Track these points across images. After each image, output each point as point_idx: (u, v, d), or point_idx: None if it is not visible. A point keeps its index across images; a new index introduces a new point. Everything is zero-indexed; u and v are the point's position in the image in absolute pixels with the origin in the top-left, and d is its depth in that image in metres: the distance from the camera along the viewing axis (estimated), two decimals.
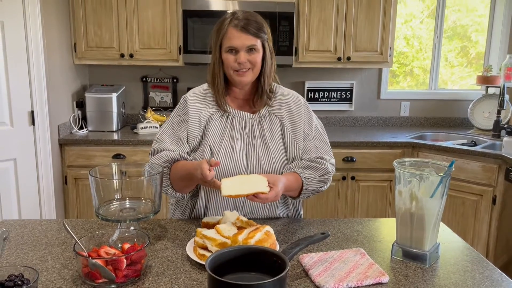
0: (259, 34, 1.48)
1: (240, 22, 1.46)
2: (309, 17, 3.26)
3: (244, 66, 1.48)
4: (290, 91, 1.67)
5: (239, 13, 1.50)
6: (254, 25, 1.47)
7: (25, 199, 2.84)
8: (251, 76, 1.51)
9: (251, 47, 1.47)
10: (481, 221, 2.91)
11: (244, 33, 1.46)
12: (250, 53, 1.47)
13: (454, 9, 3.85)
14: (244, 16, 1.49)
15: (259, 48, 1.49)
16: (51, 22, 2.94)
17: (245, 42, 1.46)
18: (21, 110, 2.76)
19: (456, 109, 3.85)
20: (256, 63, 1.49)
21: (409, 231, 1.24)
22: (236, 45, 1.46)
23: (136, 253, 1.11)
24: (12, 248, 1.30)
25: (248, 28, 1.46)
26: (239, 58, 1.46)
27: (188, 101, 1.56)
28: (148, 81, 3.68)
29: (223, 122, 1.54)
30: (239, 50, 1.46)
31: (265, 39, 1.50)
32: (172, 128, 1.56)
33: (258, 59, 1.49)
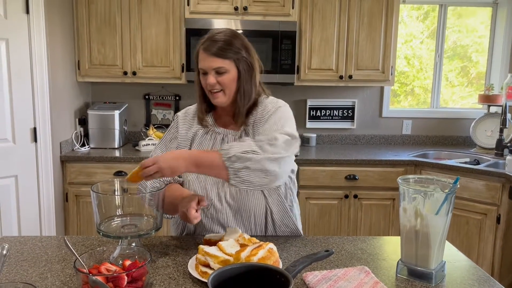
0: (226, 55, 1.42)
1: (205, 43, 1.43)
2: (311, 36, 3.30)
3: (214, 88, 1.45)
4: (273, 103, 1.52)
5: (212, 33, 1.46)
6: (220, 46, 1.41)
7: (25, 216, 2.82)
8: (225, 98, 1.47)
9: (217, 69, 1.42)
10: (486, 240, 2.88)
11: (208, 54, 1.42)
12: (219, 75, 1.43)
13: (454, 29, 3.89)
14: (212, 36, 1.44)
15: (229, 69, 1.43)
16: (56, 40, 2.98)
17: (210, 64, 1.42)
18: (23, 127, 2.77)
19: (458, 127, 3.85)
20: (226, 84, 1.44)
21: (414, 248, 1.23)
22: (204, 67, 1.44)
23: (137, 270, 1.09)
24: (12, 265, 1.28)
25: (211, 50, 1.41)
26: (207, 79, 1.44)
27: (179, 119, 1.60)
28: (150, 99, 3.69)
29: (207, 139, 1.55)
30: (208, 72, 1.44)
31: (237, 59, 1.44)
32: (165, 145, 1.59)
33: (228, 80, 1.44)
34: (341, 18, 3.29)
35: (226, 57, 1.42)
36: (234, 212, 1.52)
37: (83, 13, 3.19)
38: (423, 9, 3.88)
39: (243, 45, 1.47)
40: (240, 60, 1.45)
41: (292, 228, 1.59)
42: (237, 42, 1.45)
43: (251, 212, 1.52)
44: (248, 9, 3.19)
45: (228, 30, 1.49)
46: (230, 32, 1.47)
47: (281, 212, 1.55)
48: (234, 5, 3.18)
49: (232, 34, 1.47)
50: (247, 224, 1.53)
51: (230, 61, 1.43)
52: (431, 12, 3.87)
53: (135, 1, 3.19)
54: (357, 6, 3.28)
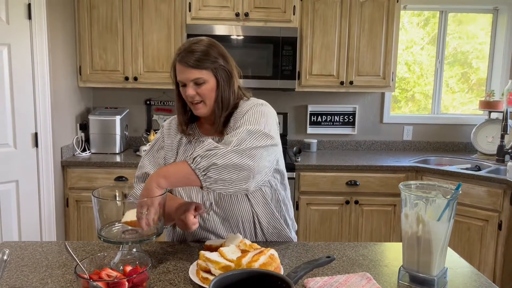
0: (202, 65, 1.40)
1: (181, 55, 1.41)
2: (312, 42, 3.31)
3: (194, 99, 1.43)
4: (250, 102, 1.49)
5: (188, 43, 1.44)
6: (196, 56, 1.39)
7: (25, 221, 2.82)
8: (206, 108, 1.46)
9: (196, 80, 1.40)
10: (487, 247, 2.87)
11: (185, 66, 1.40)
12: (197, 86, 1.41)
13: (455, 36, 3.90)
14: (188, 47, 1.41)
15: (208, 79, 1.41)
16: (57, 45, 2.99)
17: (188, 75, 1.40)
18: (25, 132, 2.77)
19: (459, 133, 3.85)
20: (206, 95, 1.42)
21: (416, 255, 1.22)
22: (182, 79, 1.42)
23: (138, 276, 1.08)
24: (12, 270, 1.27)
25: (187, 61, 1.39)
26: (186, 91, 1.42)
27: (164, 129, 1.60)
28: (151, 104, 3.70)
29: (191, 146, 1.54)
30: (186, 84, 1.42)
31: (215, 68, 1.42)
32: (153, 155, 1.59)
33: (207, 91, 1.42)
34: (342, 24, 3.30)
35: (203, 68, 1.40)
36: (221, 219, 1.51)
37: (85, 18, 3.21)
38: (424, 16, 3.89)
39: (220, 54, 1.44)
40: (217, 69, 1.43)
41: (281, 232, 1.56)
42: (214, 51, 1.43)
43: (238, 218, 1.50)
44: (249, 15, 3.20)
45: (204, 39, 1.46)
46: (206, 42, 1.44)
47: (268, 215, 1.52)
48: (236, 11, 3.20)
49: (208, 43, 1.44)
50: (236, 230, 1.52)
51: (208, 71, 1.41)
52: (432, 19, 3.88)
53: (137, 7, 3.21)
54: (358, 12, 3.29)
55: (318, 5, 3.27)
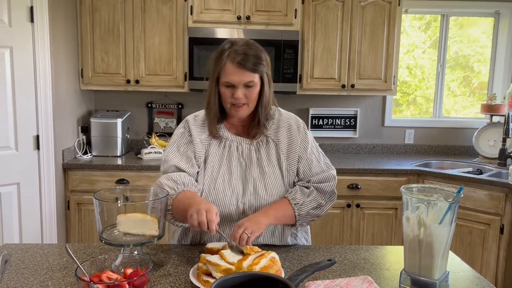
0: (258, 69, 1.44)
1: (238, 57, 1.41)
2: (313, 45, 3.31)
3: (240, 102, 1.45)
4: (287, 114, 1.64)
5: (238, 44, 1.45)
6: (253, 60, 1.42)
7: (27, 224, 2.81)
8: (247, 111, 1.49)
9: (248, 84, 1.43)
10: (489, 250, 2.86)
11: (242, 69, 1.41)
12: (247, 88, 1.44)
13: (456, 39, 3.90)
14: (243, 49, 1.43)
15: (257, 82, 1.45)
16: (59, 48, 2.99)
17: (242, 78, 1.42)
18: (26, 135, 2.78)
19: (460, 137, 3.85)
20: (252, 98, 1.46)
21: (418, 258, 1.22)
22: (234, 81, 1.42)
23: (138, 279, 1.08)
24: (13, 273, 1.27)
25: (246, 64, 1.41)
26: (236, 93, 1.43)
27: (190, 124, 1.58)
28: (153, 107, 3.70)
29: (221, 148, 1.54)
30: (236, 86, 1.43)
31: (263, 72, 1.47)
32: (178, 150, 1.54)
33: (255, 94, 1.46)
34: (344, 28, 3.31)
35: (257, 72, 1.44)
36: None
37: (87, 21, 3.22)
38: (425, 19, 3.90)
39: (266, 58, 1.49)
40: (265, 73, 1.47)
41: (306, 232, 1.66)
42: (264, 55, 1.47)
43: None
44: (251, 18, 3.21)
45: (252, 43, 1.48)
46: (256, 45, 1.48)
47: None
48: (237, 14, 3.20)
49: (259, 47, 1.48)
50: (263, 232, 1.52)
51: (258, 75, 1.45)
52: (433, 22, 3.89)
53: (139, 10, 3.22)
54: (360, 16, 3.30)
55: (320, 9, 3.27)
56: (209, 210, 1.25)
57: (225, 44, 1.47)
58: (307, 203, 1.49)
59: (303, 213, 1.48)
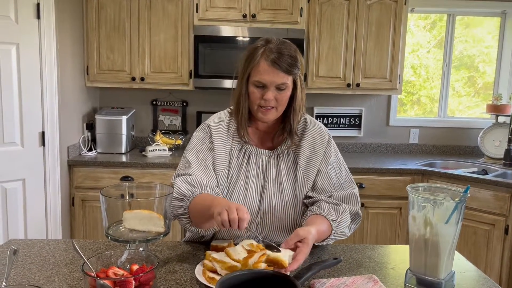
0: (292, 71, 1.33)
1: (272, 55, 1.32)
2: (318, 43, 3.30)
3: (270, 104, 1.36)
4: (313, 123, 1.53)
5: (273, 43, 1.35)
6: (288, 61, 1.32)
7: (32, 220, 2.83)
8: (275, 115, 1.40)
9: (281, 86, 1.34)
10: (494, 251, 2.85)
11: (276, 68, 1.32)
12: (278, 91, 1.35)
13: (461, 39, 3.88)
14: (278, 48, 1.33)
15: (290, 85, 1.36)
16: (65, 45, 3.00)
17: (275, 79, 1.33)
18: (32, 131, 2.79)
19: (466, 137, 3.83)
20: (283, 102, 1.37)
21: (423, 258, 1.21)
22: (265, 81, 1.33)
23: (144, 275, 1.08)
24: (19, 268, 1.28)
25: (280, 64, 1.31)
26: (266, 95, 1.34)
27: (211, 130, 1.47)
28: (158, 105, 3.71)
29: (240, 158, 1.46)
30: (267, 86, 1.34)
31: (297, 75, 1.36)
32: (197, 155, 1.45)
33: (286, 97, 1.37)
34: (349, 27, 3.30)
35: (291, 73, 1.34)
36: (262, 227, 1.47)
37: (93, 19, 3.22)
38: (430, 19, 3.88)
39: (301, 60, 1.38)
40: (298, 77, 1.37)
41: None
42: (299, 57, 1.37)
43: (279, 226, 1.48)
44: (257, 17, 3.21)
45: (288, 42, 1.38)
46: (292, 46, 1.38)
47: None
48: (243, 12, 3.20)
49: (294, 48, 1.38)
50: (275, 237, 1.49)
51: (291, 77, 1.36)
52: (438, 22, 3.87)
53: (145, 7, 3.22)
54: (365, 15, 3.29)
55: (326, 7, 3.27)
56: (239, 208, 1.15)
57: (260, 42, 1.38)
58: (343, 222, 1.42)
59: (338, 232, 1.41)
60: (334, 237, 1.41)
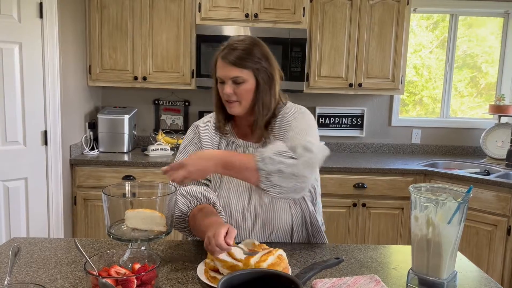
0: (244, 64, 1.37)
1: (224, 51, 1.39)
2: (321, 43, 3.30)
3: (230, 98, 1.40)
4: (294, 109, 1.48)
5: (232, 40, 1.42)
6: (238, 54, 1.37)
7: (34, 218, 2.84)
8: (240, 109, 1.42)
9: (235, 79, 1.38)
10: (496, 252, 2.84)
11: (226, 63, 1.37)
12: (236, 85, 1.39)
13: (464, 39, 3.88)
14: (232, 44, 1.39)
15: (247, 79, 1.38)
16: (68, 44, 3.01)
17: (227, 73, 1.38)
18: (34, 130, 2.79)
19: (468, 137, 3.83)
20: (242, 95, 1.39)
21: (426, 258, 1.21)
22: (221, 75, 1.40)
23: (146, 274, 1.09)
24: (22, 266, 1.28)
25: (229, 58, 1.36)
26: (224, 89, 1.39)
27: (199, 130, 1.53)
28: (160, 104, 3.71)
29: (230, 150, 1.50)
30: (225, 81, 1.39)
31: (257, 69, 1.38)
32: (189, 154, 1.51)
33: (245, 91, 1.39)
34: (352, 27, 3.30)
35: (244, 67, 1.37)
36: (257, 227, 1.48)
37: (96, 18, 3.23)
38: (433, 19, 3.88)
39: (264, 55, 1.41)
40: (259, 70, 1.39)
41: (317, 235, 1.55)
42: (257, 51, 1.40)
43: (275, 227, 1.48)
44: (259, 16, 3.21)
45: (249, 38, 1.43)
46: (250, 40, 1.42)
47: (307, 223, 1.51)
48: (245, 12, 3.20)
49: (253, 42, 1.41)
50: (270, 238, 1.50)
51: (249, 71, 1.38)
52: (441, 22, 3.86)
53: (147, 7, 3.22)
54: (368, 15, 3.29)
55: (328, 7, 3.27)
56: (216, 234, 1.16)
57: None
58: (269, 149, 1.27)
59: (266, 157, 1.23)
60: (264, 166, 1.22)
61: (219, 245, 1.15)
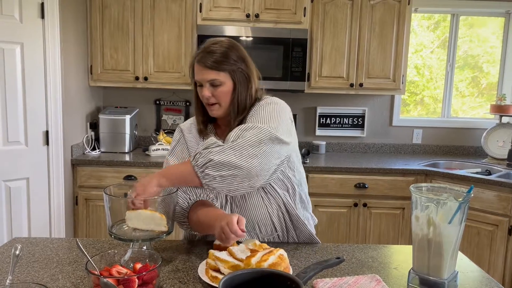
0: (220, 67, 1.38)
1: (200, 54, 1.40)
2: (322, 43, 3.30)
3: (209, 101, 1.42)
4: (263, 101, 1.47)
5: (207, 43, 1.43)
6: (214, 57, 1.38)
7: (35, 218, 2.84)
8: (221, 110, 1.44)
9: (212, 82, 1.39)
10: (497, 252, 2.84)
11: (202, 67, 1.39)
12: (214, 87, 1.40)
13: (465, 39, 3.87)
14: (206, 47, 1.41)
15: (224, 81, 1.40)
16: (69, 44, 3.01)
17: (204, 76, 1.39)
18: (36, 130, 2.80)
19: (469, 137, 3.82)
20: (221, 97, 1.41)
21: (427, 258, 1.21)
22: (198, 79, 1.42)
23: (148, 273, 1.09)
24: (23, 266, 1.29)
25: (205, 62, 1.38)
26: (202, 92, 1.41)
27: (184, 132, 1.56)
28: (161, 104, 3.72)
29: None
30: (203, 85, 1.41)
31: (233, 70, 1.40)
32: (177, 155, 1.53)
33: (223, 93, 1.40)
34: (353, 27, 3.30)
35: (221, 70, 1.39)
36: None
37: (97, 18, 3.23)
38: (434, 19, 3.87)
39: (240, 56, 1.42)
40: (236, 72, 1.41)
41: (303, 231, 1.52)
42: (233, 54, 1.41)
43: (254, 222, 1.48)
44: (260, 16, 3.21)
45: (225, 40, 1.44)
46: (226, 43, 1.43)
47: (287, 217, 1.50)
48: (246, 12, 3.20)
49: (229, 45, 1.42)
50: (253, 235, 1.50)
51: (225, 73, 1.40)
52: (442, 22, 3.86)
53: (148, 7, 3.23)
54: (369, 15, 3.29)
55: (329, 7, 3.27)
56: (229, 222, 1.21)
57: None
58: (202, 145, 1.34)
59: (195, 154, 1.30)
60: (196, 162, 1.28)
61: (235, 231, 1.19)
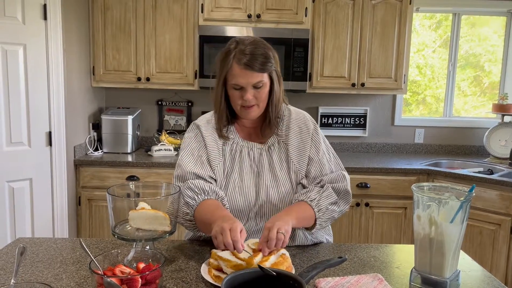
0: (266, 68, 1.38)
1: (244, 58, 1.36)
2: (323, 43, 3.31)
3: (250, 103, 1.41)
4: (297, 114, 1.56)
5: (244, 44, 1.39)
6: (260, 60, 1.37)
7: (38, 219, 2.85)
8: (258, 111, 1.44)
9: (257, 84, 1.39)
10: (499, 251, 2.84)
11: (249, 70, 1.36)
12: (256, 89, 1.39)
13: (467, 39, 3.87)
14: (250, 49, 1.37)
15: (266, 82, 1.41)
16: (72, 46, 3.03)
17: (250, 80, 1.37)
18: (39, 131, 2.81)
19: (471, 137, 3.82)
20: (262, 98, 1.42)
21: (428, 257, 1.21)
22: (242, 83, 1.38)
23: (151, 273, 1.09)
24: (27, 266, 1.30)
25: (253, 65, 1.35)
26: (245, 95, 1.39)
27: (202, 129, 1.52)
28: (163, 105, 3.73)
29: (232, 152, 1.50)
30: (245, 88, 1.39)
31: (272, 70, 1.41)
32: (192, 153, 1.49)
33: (264, 94, 1.42)
34: (354, 26, 3.30)
35: (265, 71, 1.39)
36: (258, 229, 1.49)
37: (99, 19, 3.25)
38: (436, 18, 3.87)
39: (275, 56, 1.43)
40: (273, 71, 1.42)
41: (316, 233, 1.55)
42: (272, 53, 1.41)
43: None
44: (261, 17, 3.21)
45: (259, 41, 1.42)
46: (263, 43, 1.42)
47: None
48: (248, 13, 3.21)
49: (266, 45, 1.42)
50: None
51: (267, 74, 1.40)
52: (444, 21, 3.86)
53: (150, 8, 3.24)
54: (370, 15, 3.29)
55: (330, 7, 3.27)
56: (233, 229, 1.18)
57: (231, 44, 1.41)
58: (324, 198, 1.43)
59: (322, 208, 1.42)
60: (322, 217, 1.43)
61: (227, 244, 1.16)
